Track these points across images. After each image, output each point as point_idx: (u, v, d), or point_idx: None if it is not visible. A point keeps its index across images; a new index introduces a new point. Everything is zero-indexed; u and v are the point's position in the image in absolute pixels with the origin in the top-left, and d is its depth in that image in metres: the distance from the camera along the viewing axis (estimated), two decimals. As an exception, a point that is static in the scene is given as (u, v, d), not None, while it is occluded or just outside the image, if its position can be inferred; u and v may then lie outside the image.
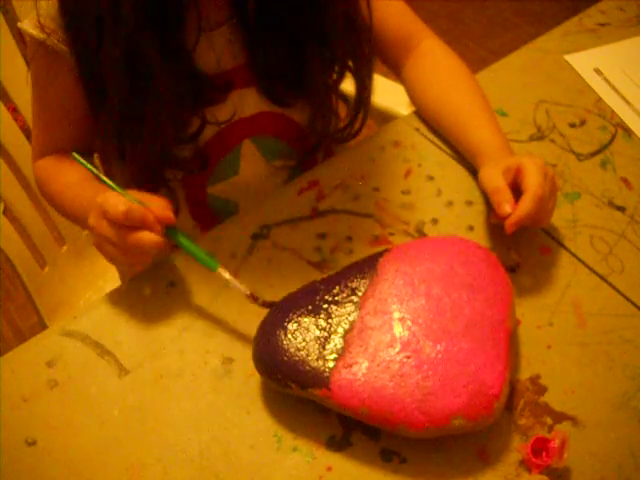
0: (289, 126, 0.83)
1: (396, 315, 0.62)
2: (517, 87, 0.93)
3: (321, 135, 0.83)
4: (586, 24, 1.02)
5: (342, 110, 0.84)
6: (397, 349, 0.60)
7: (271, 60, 0.76)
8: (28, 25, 0.74)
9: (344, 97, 0.84)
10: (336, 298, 0.64)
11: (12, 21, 0.89)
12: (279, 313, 0.65)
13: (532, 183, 0.68)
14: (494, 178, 0.72)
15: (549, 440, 0.59)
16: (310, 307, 0.64)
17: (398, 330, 0.61)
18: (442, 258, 0.66)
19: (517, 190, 0.70)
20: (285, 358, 0.61)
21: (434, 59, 0.87)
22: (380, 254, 0.68)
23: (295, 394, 0.62)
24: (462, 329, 0.61)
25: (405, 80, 0.89)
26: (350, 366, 0.60)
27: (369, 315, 0.63)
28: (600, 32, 1.00)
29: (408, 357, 0.60)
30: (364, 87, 0.81)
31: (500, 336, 0.62)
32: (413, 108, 0.89)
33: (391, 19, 0.86)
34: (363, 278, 0.66)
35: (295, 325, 0.63)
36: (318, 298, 0.65)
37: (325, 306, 0.64)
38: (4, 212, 0.98)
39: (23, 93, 0.80)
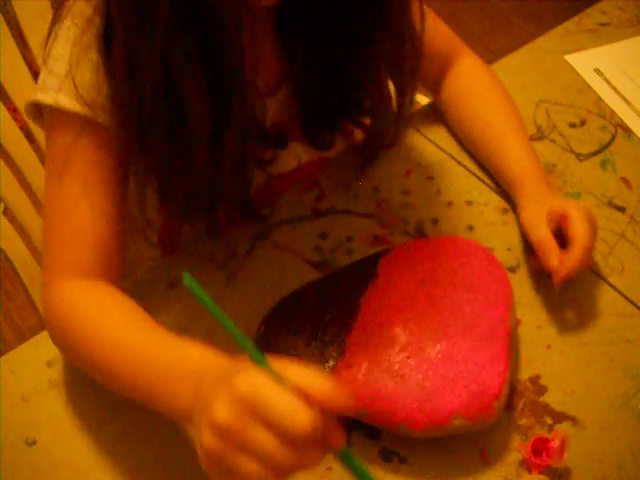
0: (322, 164, 0.82)
1: (396, 315, 0.62)
2: (517, 87, 0.92)
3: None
4: (586, 24, 1.02)
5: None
6: (397, 349, 0.60)
7: (321, 112, 0.73)
8: (64, 99, 0.60)
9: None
10: (337, 298, 0.64)
11: (12, 21, 0.89)
12: (279, 313, 0.65)
13: (580, 234, 0.66)
14: (538, 226, 0.70)
15: (549, 440, 0.59)
16: (311, 307, 0.64)
17: (398, 330, 0.61)
18: (442, 258, 0.66)
19: (557, 233, 0.69)
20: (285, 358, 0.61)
21: (470, 78, 0.85)
22: (380, 254, 0.68)
23: None
24: (462, 329, 0.61)
25: (441, 100, 0.86)
26: (350, 366, 0.60)
27: (369, 316, 0.63)
28: (600, 32, 1.00)
29: (408, 357, 0.60)
30: (406, 106, 0.76)
31: (500, 336, 0.62)
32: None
33: (429, 36, 0.76)
34: (363, 278, 0.66)
35: (295, 325, 0.63)
36: (319, 298, 0.65)
37: (325, 306, 0.64)
38: (4, 212, 0.98)
39: (23, 93, 0.79)
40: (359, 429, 0.62)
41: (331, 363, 0.60)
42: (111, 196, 0.63)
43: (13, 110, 0.95)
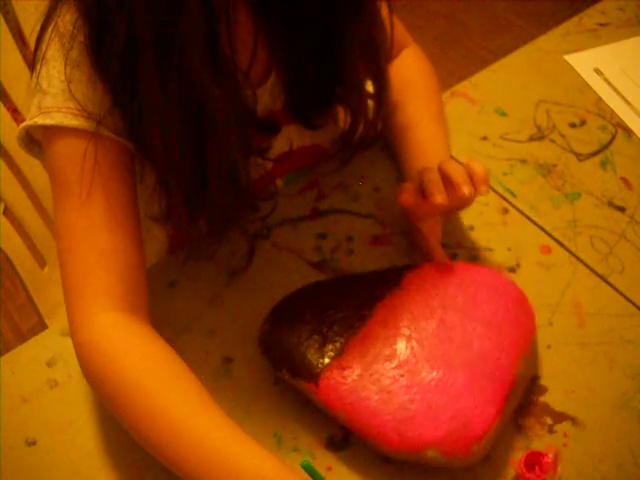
0: (318, 154, 0.82)
1: (404, 331, 0.62)
2: (517, 87, 0.93)
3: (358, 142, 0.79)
4: (586, 24, 1.02)
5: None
6: (393, 365, 0.60)
7: (307, 93, 0.74)
8: (67, 117, 0.58)
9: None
10: (353, 298, 0.64)
11: (12, 21, 0.89)
12: (297, 297, 0.66)
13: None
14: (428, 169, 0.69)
15: (542, 455, 0.58)
16: (326, 300, 0.64)
17: (401, 346, 0.61)
18: (469, 287, 0.65)
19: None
20: (286, 343, 0.62)
21: (407, 69, 0.86)
22: (409, 267, 0.68)
23: (285, 380, 0.62)
24: (464, 363, 0.60)
25: None
26: (343, 369, 0.60)
27: (378, 324, 0.62)
28: (600, 32, 1.00)
29: (401, 375, 0.59)
30: (385, 90, 0.78)
31: (502, 382, 0.59)
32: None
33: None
34: (385, 286, 0.65)
35: (307, 313, 0.63)
36: (336, 293, 0.65)
37: (340, 303, 0.64)
38: (4, 212, 0.98)
39: (23, 93, 0.79)
40: (359, 429, 0.62)
41: (327, 360, 0.60)
42: (131, 211, 0.62)
43: (13, 110, 0.95)
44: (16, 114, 0.96)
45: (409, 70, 0.86)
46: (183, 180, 0.62)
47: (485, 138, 0.86)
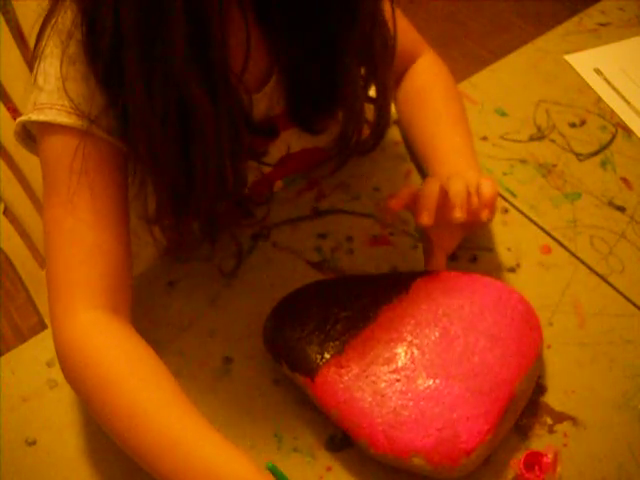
0: (319, 156, 0.82)
1: (406, 336, 0.61)
2: (517, 87, 0.93)
3: (352, 147, 0.78)
4: (586, 24, 1.02)
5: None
6: (391, 369, 0.60)
7: (307, 96, 0.73)
8: (60, 115, 0.59)
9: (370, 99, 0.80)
10: (360, 299, 0.64)
11: (12, 21, 0.89)
12: (304, 294, 0.66)
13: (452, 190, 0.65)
14: (430, 182, 0.68)
15: (542, 455, 0.58)
16: (333, 298, 0.64)
17: (400, 351, 0.61)
18: (478, 299, 0.64)
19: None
20: (288, 335, 0.62)
21: (426, 76, 0.86)
22: (420, 274, 0.67)
23: (283, 372, 0.63)
24: (462, 374, 0.59)
25: (396, 96, 0.87)
26: (341, 367, 0.60)
27: (381, 327, 0.62)
28: (600, 32, 1.00)
29: (397, 380, 0.59)
30: (385, 95, 0.77)
31: (500, 397, 0.58)
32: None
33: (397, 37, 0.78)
34: (394, 290, 0.65)
35: (312, 309, 0.63)
36: (344, 293, 0.65)
37: (347, 302, 0.64)
38: (4, 212, 0.98)
39: (23, 93, 0.79)
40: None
41: (326, 356, 0.60)
42: (120, 211, 0.62)
43: (13, 110, 0.95)
44: (16, 114, 0.96)
45: (428, 76, 0.86)
46: (168, 182, 0.62)
47: (485, 138, 0.86)
